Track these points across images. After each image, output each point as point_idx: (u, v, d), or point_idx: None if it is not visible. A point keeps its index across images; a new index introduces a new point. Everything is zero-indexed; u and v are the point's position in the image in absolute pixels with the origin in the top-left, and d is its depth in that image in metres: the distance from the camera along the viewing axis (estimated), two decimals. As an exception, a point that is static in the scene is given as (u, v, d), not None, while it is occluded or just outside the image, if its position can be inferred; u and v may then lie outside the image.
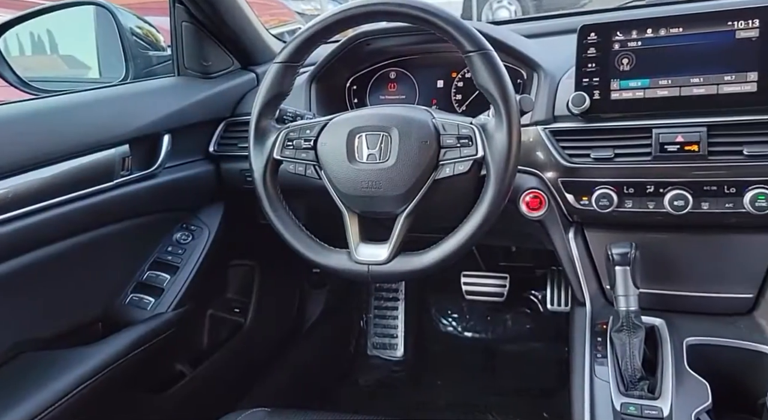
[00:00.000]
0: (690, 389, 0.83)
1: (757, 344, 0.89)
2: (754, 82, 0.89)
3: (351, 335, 1.96)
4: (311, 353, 1.80)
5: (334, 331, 1.93)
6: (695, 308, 0.99)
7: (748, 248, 0.95)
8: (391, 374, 1.88)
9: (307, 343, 1.80)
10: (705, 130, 0.91)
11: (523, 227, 1.09)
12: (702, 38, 0.91)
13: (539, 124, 1.03)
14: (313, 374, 1.78)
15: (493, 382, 1.77)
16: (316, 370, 1.80)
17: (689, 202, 0.92)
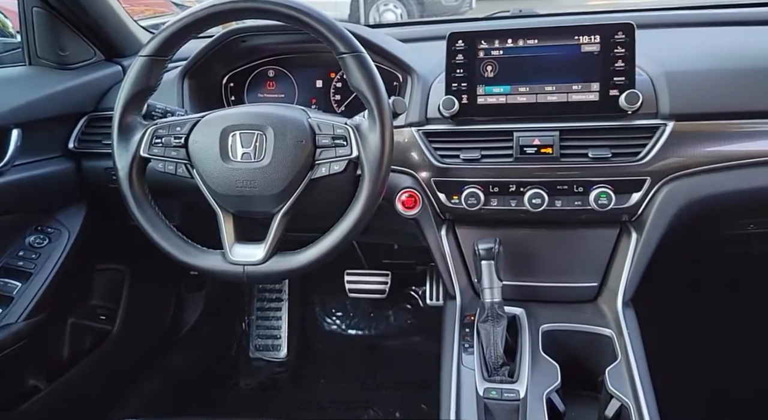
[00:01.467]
0: (543, 371, 0.91)
1: (600, 328, 0.99)
2: (597, 91, 0.99)
3: (232, 338, 1.91)
4: (189, 359, 1.73)
5: (213, 334, 1.87)
6: (550, 297, 1.08)
7: (593, 242, 1.06)
8: (273, 375, 1.86)
9: (184, 348, 1.73)
10: (557, 135, 1.00)
11: (400, 225, 1.13)
12: (554, 50, 1.00)
13: (413, 126, 1.07)
14: (191, 380, 1.72)
15: (375, 377, 1.81)
16: (194, 375, 1.73)
17: (545, 200, 1.00)
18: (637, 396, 0.85)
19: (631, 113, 0.99)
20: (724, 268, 1.61)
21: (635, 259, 1.02)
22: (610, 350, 0.95)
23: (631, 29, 0.97)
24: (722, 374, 1.56)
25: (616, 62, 0.98)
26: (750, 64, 1.08)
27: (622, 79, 0.98)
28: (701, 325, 1.66)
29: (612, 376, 0.90)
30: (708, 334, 1.66)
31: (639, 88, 0.98)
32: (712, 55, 1.13)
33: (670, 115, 0.99)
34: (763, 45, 1.16)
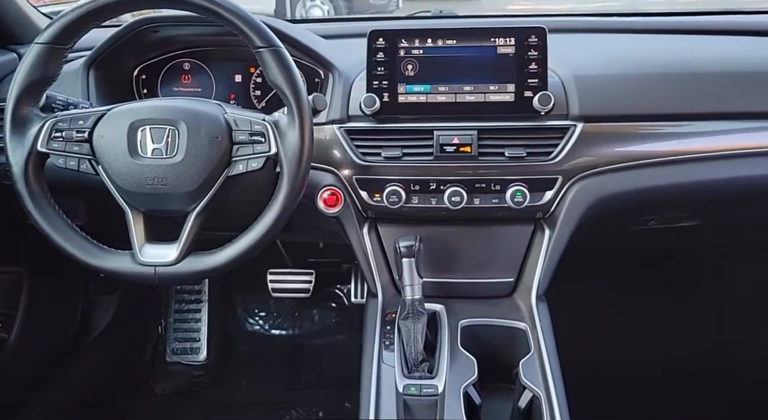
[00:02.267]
0: (461, 366, 0.93)
1: (515, 322, 1.03)
2: (512, 92, 1.02)
3: (147, 342, 1.83)
4: (98, 366, 1.63)
5: (126, 339, 1.78)
6: (469, 293, 1.11)
7: (509, 238, 1.10)
8: (192, 379, 1.80)
9: (94, 354, 1.64)
10: (476, 134, 1.02)
11: (322, 223, 1.12)
12: (472, 51, 1.02)
13: (335, 123, 1.06)
14: (101, 388, 1.62)
15: (299, 377, 1.79)
16: (103, 383, 1.64)
17: (464, 198, 1.02)
18: (548, 386, 0.89)
19: (544, 114, 1.02)
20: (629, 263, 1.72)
21: (548, 254, 1.06)
22: (525, 343, 0.98)
23: (543, 33, 1.00)
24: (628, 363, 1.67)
25: (530, 64, 1.01)
26: (653, 70, 1.15)
27: (536, 81, 1.01)
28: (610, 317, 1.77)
29: (525, 368, 0.93)
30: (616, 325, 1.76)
31: (551, 90, 1.01)
32: (618, 60, 1.19)
33: (579, 116, 1.03)
34: (664, 52, 1.25)
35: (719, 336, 1.74)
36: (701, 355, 1.71)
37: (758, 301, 1.77)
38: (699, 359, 1.70)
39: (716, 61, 1.19)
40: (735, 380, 1.66)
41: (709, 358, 1.70)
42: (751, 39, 1.32)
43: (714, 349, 1.72)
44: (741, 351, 1.72)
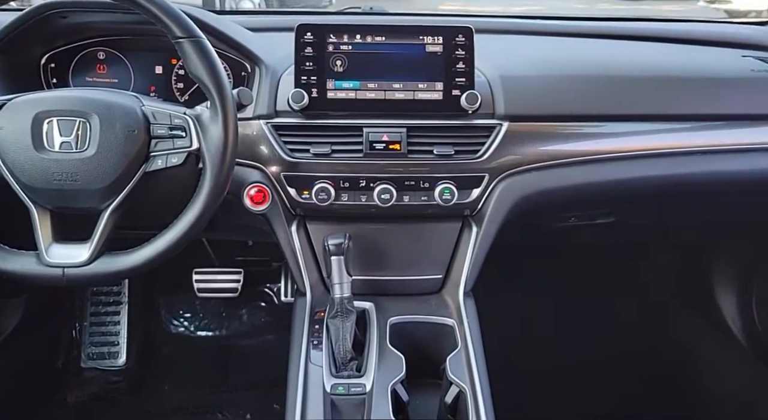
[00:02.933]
0: (389, 363, 0.93)
1: (443, 318, 1.04)
2: (441, 90, 1.03)
3: (59, 348, 1.71)
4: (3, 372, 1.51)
5: (36, 344, 1.66)
6: (399, 290, 1.11)
7: (438, 236, 1.11)
8: (109, 385, 1.70)
9: (-3, 361, 1.52)
10: (405, 131, 1.02)
11: (249, 221, 1.09)
12: (401, 49, 1.02)
13: (262, 118, 1.03)
14: (7, 396, 1.51)
15: (226, 379, 1.74)
16: (11, 391, 1.52)
17: (394, 195, 1.02)
18: (474, 381, 0.90)
19: (471, 113, 1.04)
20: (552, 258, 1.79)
21: (475, 251, 1.08)
22: (452, 339, 1.00)
23: (470, 32, 1.02)
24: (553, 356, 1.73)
25: (458, 64, 1.02)
26: (573, 72, 1.19)
27: (463, 80, 1.03)
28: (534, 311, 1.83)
29: (452, 364, 0.94)
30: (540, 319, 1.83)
31: (478, 89, 1.03)
32: (542, 62, 1.23)
33: (504, 115, 1.05)
34: (584, 56, 1.30)
35: (639, 329, 1.85)
36: (622, 347, 1.81)
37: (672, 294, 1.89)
38: (620, 351, 1.79)
39: (631, 65, 1.25)
40: (655, 371, 1.76)
41: (629, 350, 1.80)
42: (662, 45, 1.40)
43: (634, 341, 1.82)
44: (660, 342, 1.83)
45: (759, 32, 1.42)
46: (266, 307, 1.86)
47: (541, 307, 1.85)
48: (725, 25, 1.55)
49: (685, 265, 1.86)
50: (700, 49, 1.38)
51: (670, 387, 1.70)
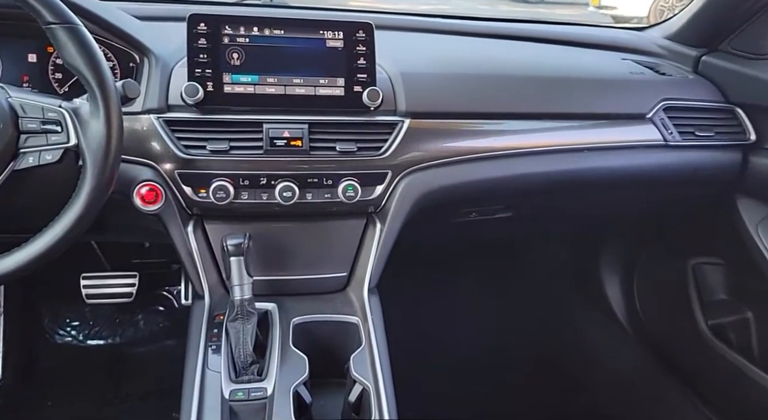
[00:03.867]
0: (292, 365, 0.91)
1: (348, 316, 1.03)
2: (342, 86, 1.02)
3: None
4: None
5: None
6: (303, 290, 1.09)
7: (342, 233, 1.10)
8: (-21, 407, 1.55)
9: None
10: (307, 128, 1.00)
11: (141, 222, 1.03)
12: (301, 43, 1.00)
13: (152, 113, 0.97)
14: None
15: (119, 390, 1.63)
16: None
17: (296, 193, 1.00)
18: (377, 379, 0.90)
19: (373, 109, 1.04)
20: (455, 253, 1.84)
21: (379, 248, 1.08)
22: (357, 337, 0.99)
23: (370, 28, 1.01)
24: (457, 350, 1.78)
25: (359, 59, 1.02)
26: (473, 71, 1.22)
27: (365, 76, 1.02)
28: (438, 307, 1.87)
29: (356, 362, 0.93)
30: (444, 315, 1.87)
31: (380, 85, 1.03)
32: (443, 60, 1.25)
33: (406, 112, 1.06)
34: (484, 55, 1.34)
35: (536, 319, 1.94)
36: (520, 338, 1.89)
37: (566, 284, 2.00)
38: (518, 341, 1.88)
39: (526, 65, 1.31)
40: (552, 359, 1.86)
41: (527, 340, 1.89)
42: (554, 47, 1.48)
43: (531, 331, 1.91)
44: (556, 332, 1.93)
45: (637, 37, 1.54)
46: (165, 312, 1.77)
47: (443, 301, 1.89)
48: (609, 29, 1.66)
49: (576, 257, 1.98)
50: (587, 52, 1.47)
51: (566, 373, 1.81)
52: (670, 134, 1.23)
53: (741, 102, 1.27)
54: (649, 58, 1.43)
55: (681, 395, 1.57)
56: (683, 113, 1.25)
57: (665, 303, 1.63)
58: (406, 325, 1.23)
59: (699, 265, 1.53)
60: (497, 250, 1.93)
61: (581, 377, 1.79)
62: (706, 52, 1.37)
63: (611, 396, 1.71)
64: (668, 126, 1.23)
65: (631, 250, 1.79)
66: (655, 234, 1.69)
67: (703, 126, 1.26)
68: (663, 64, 1.40)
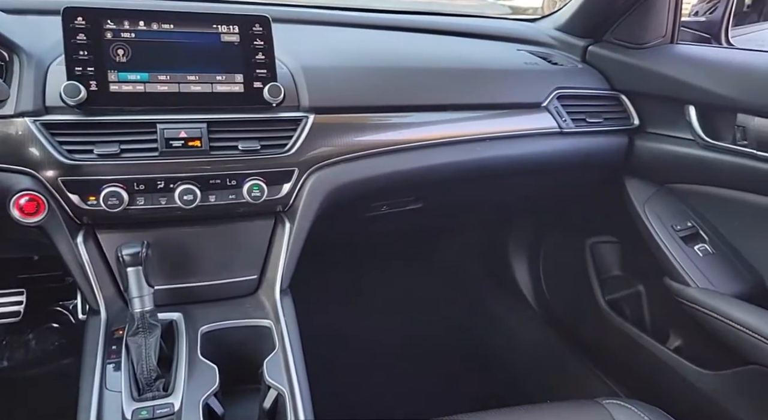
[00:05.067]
0: (201, 377, 0.87)
1: (259, 320, 1.00)
2: (241, 83, 0.98)
3: None
4: None
5: None
6: (211, 296, 1.04)
7: (251, 234, 1.06)
8: None
9: None
10: (205, 127, 0.95)
11: (22, 235, 0.94)
12: (194, 37, 0.95)
13: (27, 116, 0.88)
14: None
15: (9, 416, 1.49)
16: None
17: (198, 195, 0.95)
18: (292, 382, 0.88)
19: (275, 106, 1.00)
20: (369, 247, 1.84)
21: (290, 247, 1.05)
22: (270, 341, 0.96)
23: (267, 22, 0.98)
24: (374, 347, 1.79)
25: (257, 54, 0.98)
26: (378, 64, 1.22)
27: (264, 71, 0.98)
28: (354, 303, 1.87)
29: (270, 367, 0.91)
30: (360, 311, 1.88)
31: (281, 81, 1.00)
32: (346, 53, 1.24)
33: (310, 108, 1.04)
34: (388, 48, 1.34)
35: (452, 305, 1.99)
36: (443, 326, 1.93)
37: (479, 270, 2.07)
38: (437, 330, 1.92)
39: (429, 57, 1.32)
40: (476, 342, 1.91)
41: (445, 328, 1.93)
42: (455, 38, 1.51)
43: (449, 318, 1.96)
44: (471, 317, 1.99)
45: (530, 28, 1.61)
46: (60, 329, 1.63)
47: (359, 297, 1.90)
48: (505, 20, 1.72)
49: (486, 244, 2.05)
50: (485, 43, 1.51)
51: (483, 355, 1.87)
52: (564, 121, 1.29)
53: (624, 89, 1.36)
54: (542, 49, 1.49)
55: (583, 365, 1.67)
56: (575, 101, 1.32)
57: (567, 281, 1.73)
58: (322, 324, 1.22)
59: (596, 244, 1.62)
60: (411, 241, 1.95)
61: (497, 357, 1.86)
62: (592, 42, 1.45)
63: (524, 372, 1.79)
64: (562, 114, 1.29)
65: (535, 234, 1.88)
66: (556, 217, 1.78)
67: (593, 113, 1.33)
68: (555, 54, 1.46)
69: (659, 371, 1.36)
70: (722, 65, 1.19)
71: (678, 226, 1.30)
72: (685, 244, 1.28)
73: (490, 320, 1.96)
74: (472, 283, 2.05)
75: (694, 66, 1.23)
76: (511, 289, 1.94)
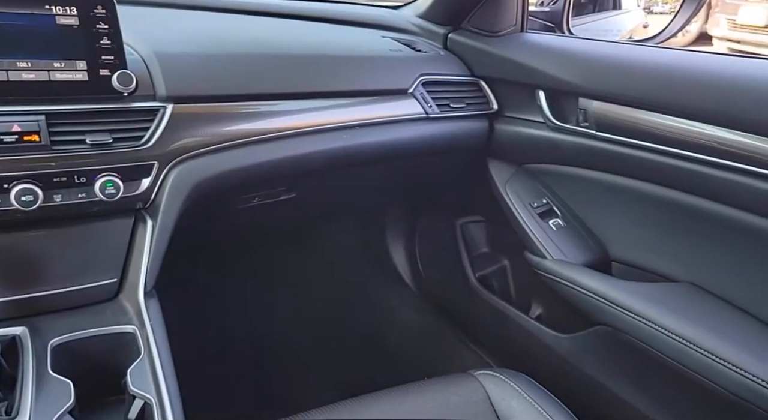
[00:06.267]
0: (52, 394, 0.79)
1: (121, 326, 0.93)
2: (85, 70, 0.89)
3: None
4: None
5: None
6: (64, 304, 0.95)
7: (108, 235, 0.98)
8: None
9: None
10: (44, 119, 0.86)
11: None
12: (23, 19, 0.84)
13: None
14: None
15: None
16: None
17: (39, 196, 0.85)
18: (160, 390, 0.83)
19: (127, 95, 0.93)
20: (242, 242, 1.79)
21: (153, 246, 0.99)
22: (135, 347, 0.90)
23: (110, 3, 0.89)
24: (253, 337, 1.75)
25: (101, 39, 0.90)
26: (241, 50, 1.18)
27: (111, 58, 0.91)
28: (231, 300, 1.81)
29: (134, 375, 0.84)
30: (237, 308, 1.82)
31: (132, 68, 0.93)
32: (206, 39, 1.18)
33: (167, 97, 0.98)
34: (253, 33, 1.29)
35: (336, 293, 1.99)
36: (325, 315, 1.93)
37: (359, 257, 2.09)
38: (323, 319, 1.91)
39: (295, 44, 1.30)
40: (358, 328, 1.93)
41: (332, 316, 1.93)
42: (321, 25, 1.50)
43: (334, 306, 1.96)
44: (355, 301, 2.01)
45: (393, 15, 1.64)
46: None
47: (236, 293, 1.84)
48: (369, 7, 1.73)
49: (364, 230, 2.07)
50: (351, 29, 1.52)
51: (365, 339, 1.90)
52: (429, 107, 1.33)
53: (483, 75, 1.43)
54: (405, 36, 1.53)
55: (458, 340, 1.76)
56: (439, 87, 1.37)
57: (441, 261, 1.81)
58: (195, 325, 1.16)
59: (466, 224, 1.71)
60: (289, 232, 1.93)
61: (376, 341, 1.90)
62: (451, 29, 1.51)
63: (402, 352, 1.85)
64: (427, 99, 1.34)
65: (410, 217, 1.93)
66: (428, 200, 1.84)
67: (456, 98, 1.39)
68: (418, 41, 1.51)
69: (524, 339, 1.47)
70: (564, 53, 1.29)
71: (535, 203, 1.40)
72: (541, 219, 1.38)
73: (369, 305, 1.99)
74: (351, 270, 2.07)
75: (541, 53, 1.32)
76: (389, 272, 1.98)
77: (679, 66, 1.09)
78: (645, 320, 1.09)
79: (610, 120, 1.19)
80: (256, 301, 1.85)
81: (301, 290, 1.95)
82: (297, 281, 1.96)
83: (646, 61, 1.14)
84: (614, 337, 1.19)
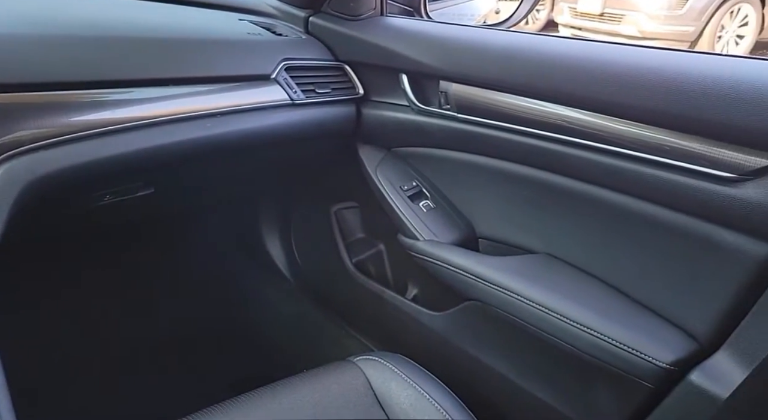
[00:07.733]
0: None
1: None
2: None
3: None
4: None
5: None
6: None
7: None
8: None
9: None
10: None
11: None
12: None
13: None
14: None
15: None
16: None
17: None
18: None
19: None
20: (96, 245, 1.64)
21: None
22: None
23: None
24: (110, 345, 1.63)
25: None
26: (81, 32, 1.06)
27: None
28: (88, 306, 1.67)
29: None
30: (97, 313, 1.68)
31: None
32: (38, 20, 1.05)
33: None
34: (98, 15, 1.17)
35: (209, 290, 1.90)
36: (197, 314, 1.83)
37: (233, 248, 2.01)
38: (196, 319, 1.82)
39: (144, 27, 1.20)
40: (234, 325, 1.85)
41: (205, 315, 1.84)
42: (178, 7, 1.40)
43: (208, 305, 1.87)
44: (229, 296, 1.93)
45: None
46: None
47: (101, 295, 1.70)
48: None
49: (236, 222, 2.00)
50: (204, 11, 1.43)
51: (242, 335, 1.84)
52: (294, 93, 1.30)
53: (347, 59, 1.42)
54: (264, 19, 1.47)
55: (338, 327, 1.77)
56: (302, 72, 1.33)
57: (317, 249, 1.79)
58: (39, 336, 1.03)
59: (340, 210, 1.70)
60: (158, 230, 1.80)
61: (256, 336, 1.85)
62: (312, 13, 1.48)
63: (283, 345, 1.81)
64: (292, 85, 1.30)
65: (285, 207, 1.89)
66: (302, 188, 1.81)
67: (321, 83, 1.37)
68: (278, 24, 1.45)
69: (402, 321, 1.50)
70: (424, 36, 1.31)
71: (405, 186, 1.43)
72: (412, 202, 1.41)
73: (246, 300, 1.93)
74: (227, 264, 1.99)
75: (402, 37, 1.34)
76: (266, 264, 1.93)
77: (528, 49, 1.15)
78: (507, 291, 1.16)
79: (469, 102, 1.23)
80: (126, 303, 1.72)
81: (178, 290, 1.84)
82: (172, 280, 1.85)
83: (499, 45, 1.19)
84: (483, 311, 1.24)
